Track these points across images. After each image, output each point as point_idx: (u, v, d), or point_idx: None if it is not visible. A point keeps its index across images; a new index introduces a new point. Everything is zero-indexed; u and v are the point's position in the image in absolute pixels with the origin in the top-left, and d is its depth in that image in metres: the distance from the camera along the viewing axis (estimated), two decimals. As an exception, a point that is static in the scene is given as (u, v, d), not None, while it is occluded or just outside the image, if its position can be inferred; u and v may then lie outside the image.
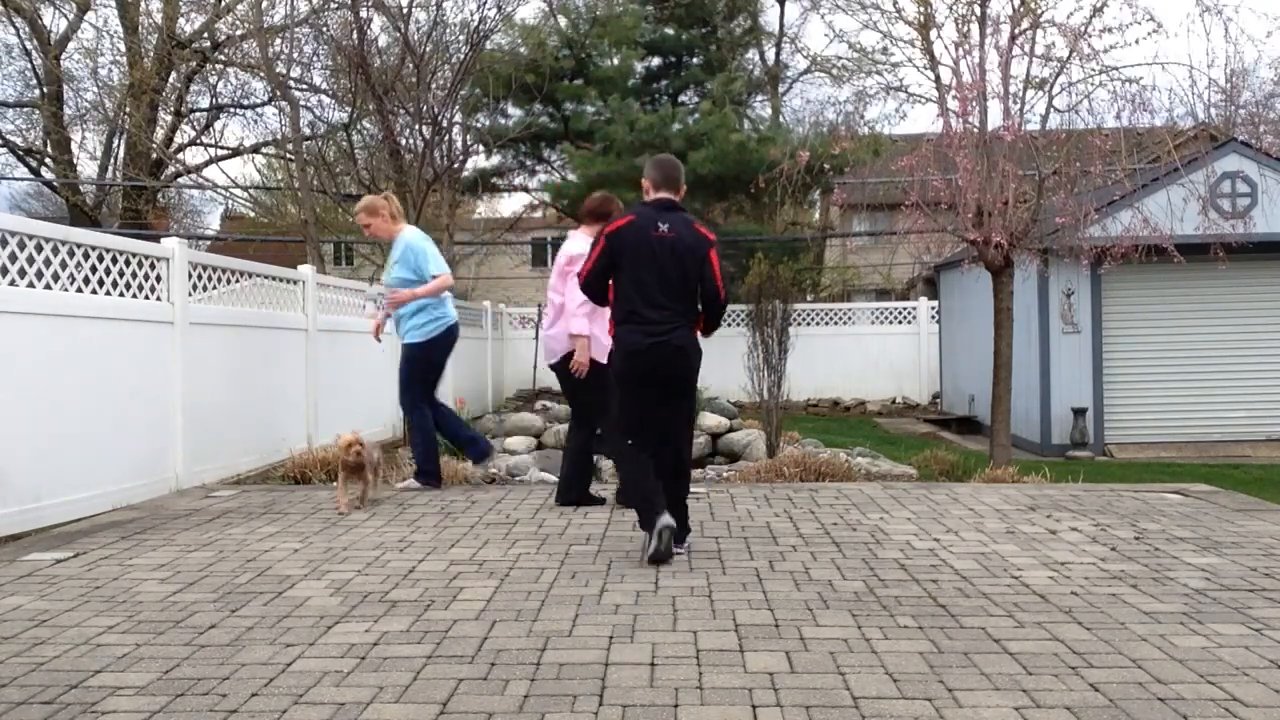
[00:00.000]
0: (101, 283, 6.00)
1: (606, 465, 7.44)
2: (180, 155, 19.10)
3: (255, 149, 20.08)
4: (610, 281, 4.56)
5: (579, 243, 5.61)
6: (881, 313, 18.69)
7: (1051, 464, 9.00)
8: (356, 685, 2.83)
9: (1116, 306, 12.10)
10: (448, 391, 12.51)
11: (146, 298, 6.35)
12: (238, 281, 7.45)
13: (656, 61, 20.80)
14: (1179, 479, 8.33)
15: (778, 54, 24.72)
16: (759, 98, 23.46)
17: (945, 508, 5.59)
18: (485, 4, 11.21)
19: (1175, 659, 3.01)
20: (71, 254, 5.78)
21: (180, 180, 20.44)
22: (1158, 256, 9.34)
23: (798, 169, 9.11)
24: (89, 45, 18.58)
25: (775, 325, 8.52)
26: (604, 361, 5.27)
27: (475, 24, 11.01)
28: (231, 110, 19.25)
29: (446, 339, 6.51)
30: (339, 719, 2.60)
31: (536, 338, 15.87)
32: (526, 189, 22.67)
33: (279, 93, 14.49)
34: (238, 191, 19.20)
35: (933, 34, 8.76)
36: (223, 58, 17.78)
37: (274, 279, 7.92)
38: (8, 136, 18.52)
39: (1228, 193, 11.54)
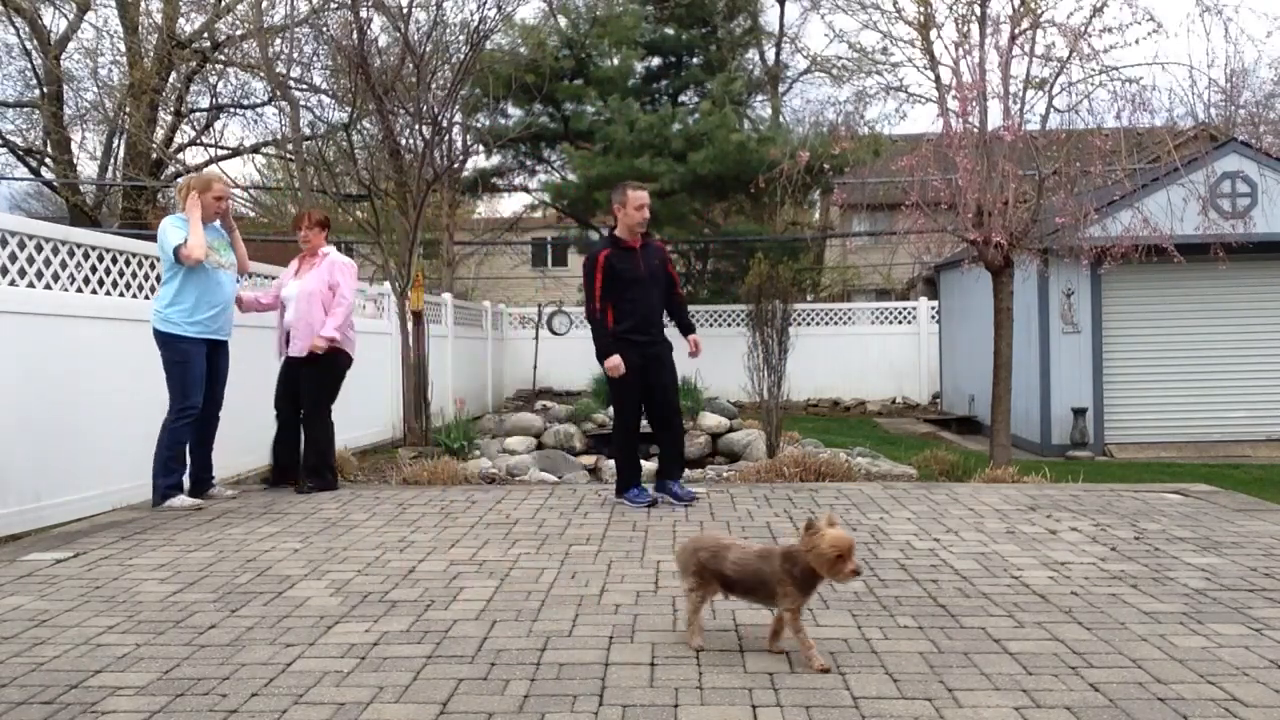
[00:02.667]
0: (101, 283, 6.01)
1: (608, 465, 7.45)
2: (180, 155, 19.09)
3: (255, 149, 20.07)
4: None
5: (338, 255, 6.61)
6: (881, 313, 18.68)
7: (1051, 464, 8.99)
8: (356, 685, 2.83)
9: (1116, 306, 12.10)
10: (448, 389, 12.54)
11: (146, 298, 6.35)
12: (237, 281, 7.43)
13: (656, 61, 20.80)
14: (1179, 479, 8.33)
15: (778, 54, 24.73)
16: (759, 98, 23.45)
17: (945, 508, 5.59)
18: (485, 4, 11.18)
19: (1175, 659, 3.01)
20: (71, 254, 5.78)
21: (180, 180, 20.44)
22: (1158, 256, 9.33)
23: (798, 169, 9.11)
24: (89, 45, 18.62)
25: (775, 325, 8.52)
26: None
27: (475, 24, 10.98)
28: (231, 110, 19.23)
29: None
30: (339, 719, 2.60)
31: (536, 338, 15.89)
32: (526, 189, 22.67)
33: (279, 93, 14.47)
34: (238, 191, 19.17)
35: (933, 34, 8.76)
36: (223, 58, 17.76)
37: (274, 279, 7.92)
38: (8, 136, 18.51)
39: (1228, 193, 11.54)
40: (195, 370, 5.70)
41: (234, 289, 6.07)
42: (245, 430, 6.79)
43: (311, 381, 6.41)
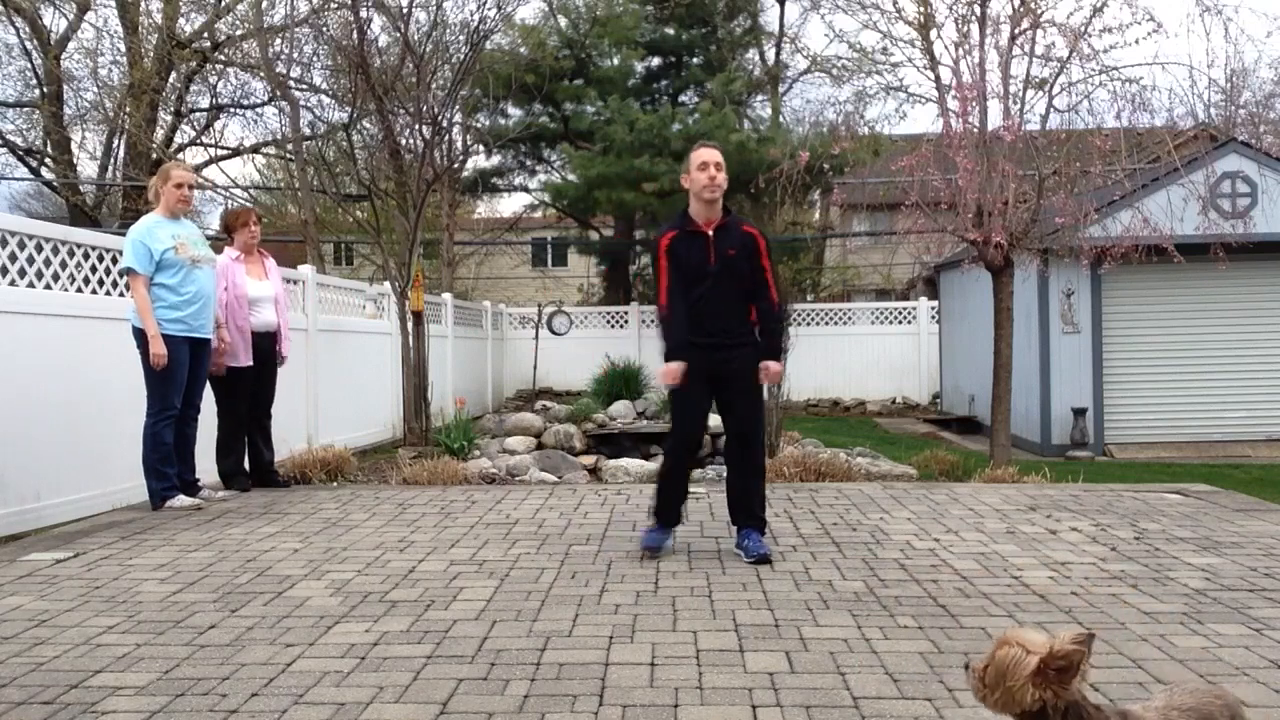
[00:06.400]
0: (101, 283, 6.01)
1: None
2: (180, 155, 19.08)
3: (255, 149, 20.06)
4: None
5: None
6: (881, 313, 18.69)
7: (1051, 464, 8.99)
8: (356, 685, 2.83)
9: (1116, 306, 12.10)
10: (448, 389, 12.54)
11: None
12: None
13: (656, 61, 20.81)
14: (1179, 479, 8.33)
15: (778, 54, 24.72)
16: (759, 98, 23.45)
17: (945, 508, 5.59)
18: (485, 4, 11.21)
19: (1175, 659, 3.01)
20: (71, 254, 5.78)
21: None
22: (1158, 256, 9.34)
23: (797, 169, 9.12)
24: (89, 45, 18.52)
25: (775, 325, 8.49)
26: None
27: (475, 24, 11.00)
28: (231, 110, 19.21)
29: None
30: (339, 719, 2.59)
31: (536, 338, 15.89)
32: (526, 189, 22.69)
33: (279, 93, 14.49)
34: (238, 191, 19.18)
35: (933, 34, 8.77)
36: (223, 58, 17.76)
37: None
38: (8, 136, 18.48)
39: (1228, 193, 11.54)
40: (176, 370, 5.51)
41: (213, 285, 5.86)
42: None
43: (273, 381, 6.61)
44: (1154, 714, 1.87)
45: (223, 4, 17.56)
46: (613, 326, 18.77)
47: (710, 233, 4.44)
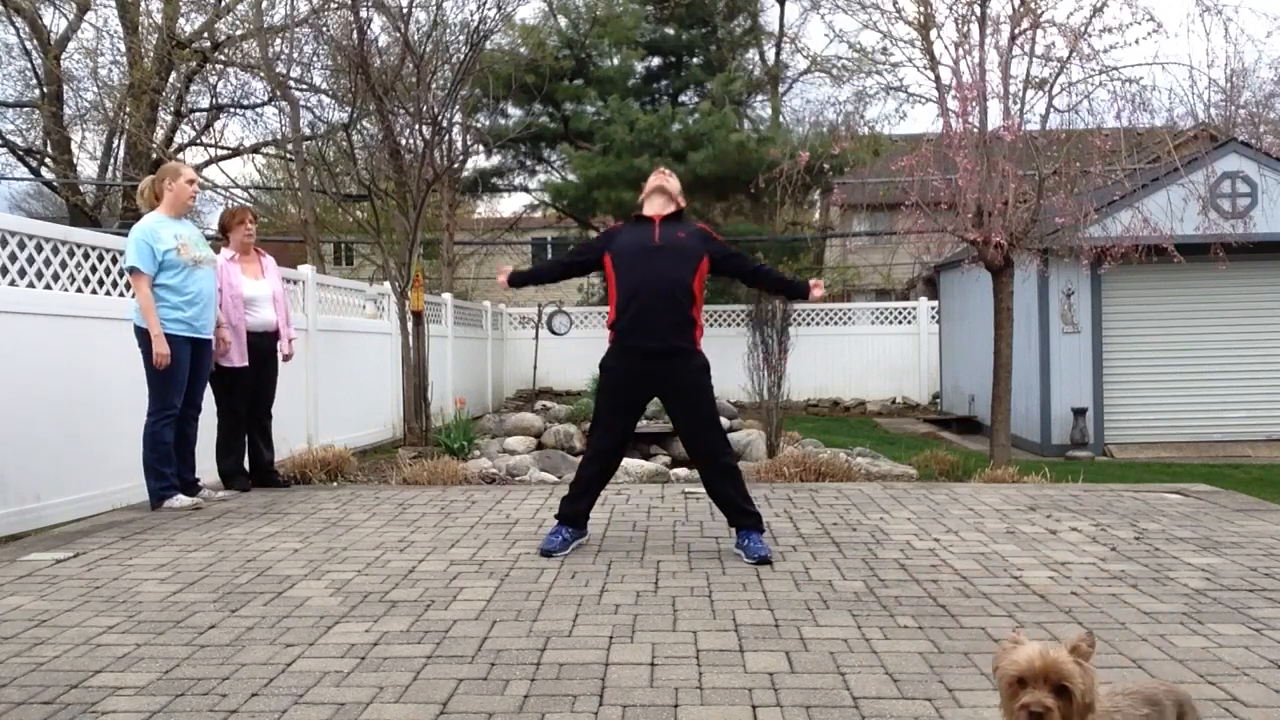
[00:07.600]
0: (101, 283, 6.01)
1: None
2: (180, 155, 19.08)
3: (255, 149, 20.06)
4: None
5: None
6: (881, 313, 18.69)
7: (1051, 464, 8.99)
8: (356, 685, 2.83)
9: (1116, 306, 12.11)
10: (448, 389, 12.54)
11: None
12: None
13: (656, 61, 20.83)
14: (1179, 479, 8.33)
15: (778, 54, 24.73)
16: (759, 98, 23.47)
17: (945, 508, 5.59)
18: (485, 4, 11.21)
19: (1175, 659, 3.01)
20: (71, 254, 5.79)
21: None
22: (1158, 256, 9.34)
23: (797, 169, 9.11)
24: (89, 45, 18.53)
25: (775, 325, 8.54)
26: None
27: (475, 24, 11.00)
28: (231, 110, 19.22)
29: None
30: (339, 719, 2.59)
31: (536, 338, 15.89)
32: (526, 189, 22.71)
33: (279, 93, 14.49)
34: (238, 191, 19.17)
35: (933, 34, 8.77)
36: (223, 58, 17.77)
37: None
38: (8, 136, 18.49)
39: (1228, 193, 11.54)
40: (178, 370, 5.50)
41: (214, 285, 5.85)
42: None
43: (273, 381, 6.59)
44: (1101, 690, 1.92)
45: (223, 4, 17.56)
46: (613, 326, 18.75)
47: (657, 221, 4.52)
